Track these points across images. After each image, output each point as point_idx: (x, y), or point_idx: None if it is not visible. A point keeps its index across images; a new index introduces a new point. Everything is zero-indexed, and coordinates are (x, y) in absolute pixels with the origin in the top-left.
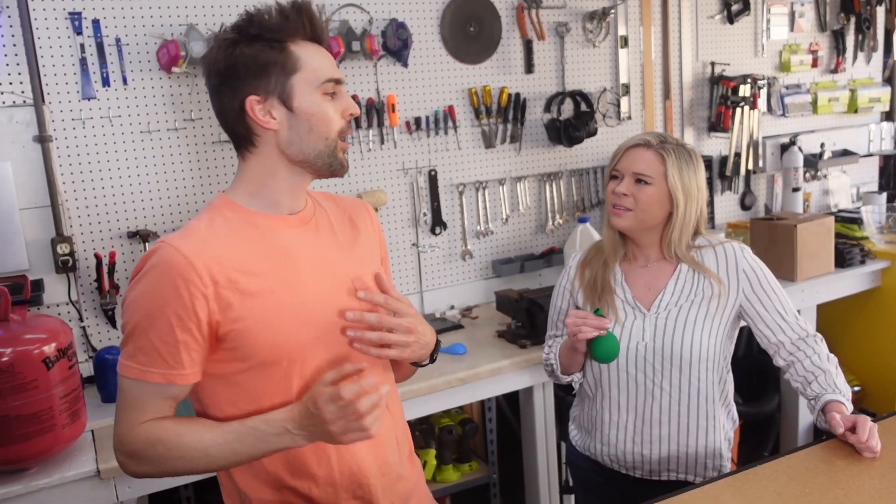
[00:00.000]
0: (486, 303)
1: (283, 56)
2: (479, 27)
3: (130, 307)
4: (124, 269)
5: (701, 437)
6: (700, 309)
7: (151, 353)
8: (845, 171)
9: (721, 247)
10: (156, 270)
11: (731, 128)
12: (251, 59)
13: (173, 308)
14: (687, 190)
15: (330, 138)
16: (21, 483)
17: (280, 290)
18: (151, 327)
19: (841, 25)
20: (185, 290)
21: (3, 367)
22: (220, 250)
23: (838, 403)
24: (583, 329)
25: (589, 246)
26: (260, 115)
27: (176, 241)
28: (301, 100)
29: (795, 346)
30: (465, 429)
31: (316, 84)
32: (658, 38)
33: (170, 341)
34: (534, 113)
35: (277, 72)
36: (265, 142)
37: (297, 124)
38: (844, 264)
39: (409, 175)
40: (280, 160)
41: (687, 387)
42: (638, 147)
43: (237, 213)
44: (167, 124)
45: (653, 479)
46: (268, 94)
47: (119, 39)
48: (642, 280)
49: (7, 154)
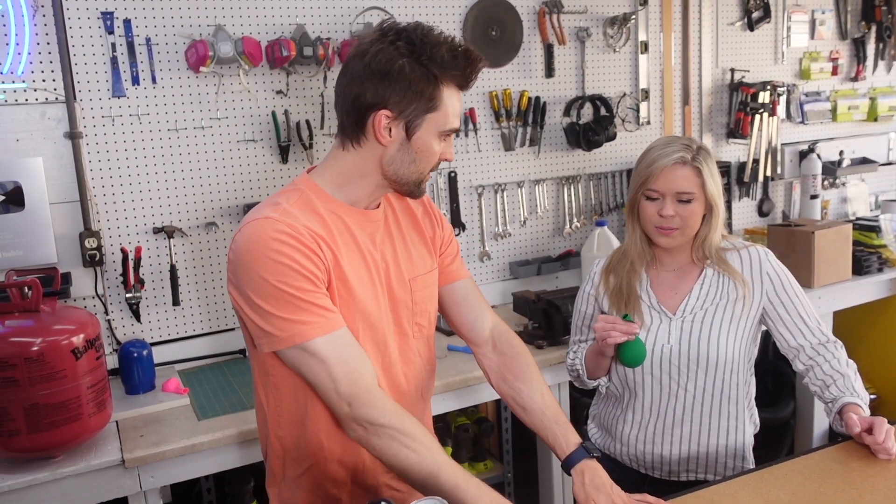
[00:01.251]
0: (503, 304)
1: (434, 92)
2: (500, 31)
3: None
4: (149, 264)
5: (722, 438)
6: (725, 312)
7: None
8: (864, 180)
9: (745, 250)
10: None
11: (749, 134)
12: (407, 79)
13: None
14: (720, 192)
15: (424, 173)
16: (48, 470)
17: (352, 280)
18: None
19: (862, 34)
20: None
21: (34, 357)
22: (316, 229)
23: (856, 406)
24: (612, 334)
25: (612, 252)
26: (382, 129)
27: (276, 215)
28: (423, 135)
29: (815, 350)
30: (481, 428)
31: (442, 129)
32: (678, 44)
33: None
34: (553, 117)
35: (422, 104)
36: (370, 148)
37: (405, 151)
38: (862, 272)
39: (430, 176)
40: (375, 169)
41: (711, 388)
42: (675, 166)
43: (322, 200)
44: (194, 122)
45: (671, 479)
46: (400, 115)
47: (149, 39)
48: (668, 284)
49: (39, 149)
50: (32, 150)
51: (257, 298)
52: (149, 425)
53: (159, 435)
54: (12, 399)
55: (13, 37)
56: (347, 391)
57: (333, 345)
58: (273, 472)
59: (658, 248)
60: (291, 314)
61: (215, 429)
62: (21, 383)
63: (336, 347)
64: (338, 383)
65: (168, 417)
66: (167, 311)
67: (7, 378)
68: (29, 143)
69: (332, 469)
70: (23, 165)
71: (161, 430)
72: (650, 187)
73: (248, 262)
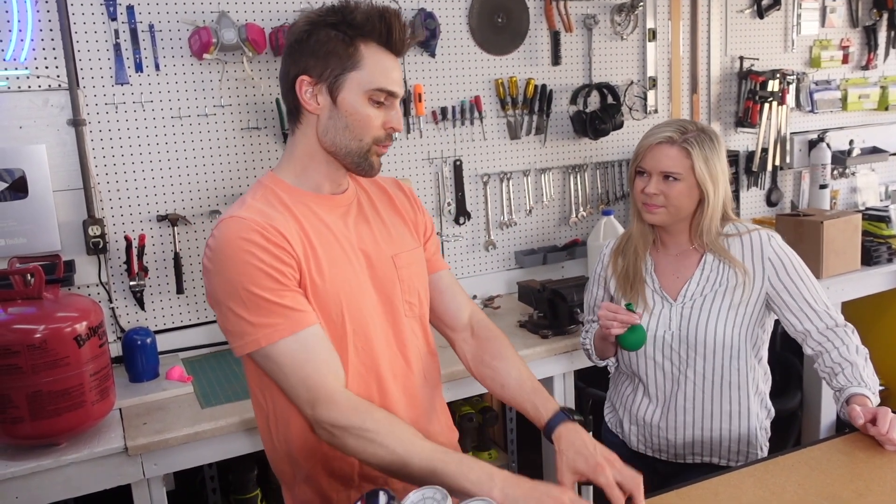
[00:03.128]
0: (508, 293)
1: (347, 50)
2: (506, 18)
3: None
4: (153, 252)
5: (725, 423)
6: (725, 298)
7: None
8: (874, 169)
9: (748, 235)
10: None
11: (758, 123)
12: (319, 43)
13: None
14: (714, 177)
15: (364, 141)
16: (51, 457)
17: (327, 266)
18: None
19: (873, 21)
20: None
21: (37, 344)
22: (282, 224)
23: (862, 397)
24: (612, 325)
25: (620, 234)
26: (306, 96)
27: (243, 213)
28: (346, 96)
29: (824, 335)
30: (486, 417)
31: (366, 87)
32: (686, 32)
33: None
34: (560, 105)
35: (335, 63)
36: (308, 122)
37: (335, 117)
38: (871, 262)
39: (435, 165)
40: (317, 146)
41: (711, 375)
42: (662, 144)
43: (286, 192)
44: (198, 110)
45: (678, 461)
46: (320, 79)
47: (152, 26)
48: (671, 269)
49: (42, 137)
50: (36, 137)
51: (226, 301)
52: (152, 413)
53: (163, 423)
54: (15, 386)
55: (15, 23)
56: (307, 396)
57: (295, 347)
58: (283, 476)
59: (660, 230)
60: (256, 317)
61: (218, 417)
62: (24, 370)
63: (297, 350)
64: (297, 388)
65: (171, 405)
66: (171, 299)
67: (10, 365)
68: (32, 131)
69: (337, 466)
70: (26, 153)
71: (164, 417)
72: (639, 164)
73: (217, 266)
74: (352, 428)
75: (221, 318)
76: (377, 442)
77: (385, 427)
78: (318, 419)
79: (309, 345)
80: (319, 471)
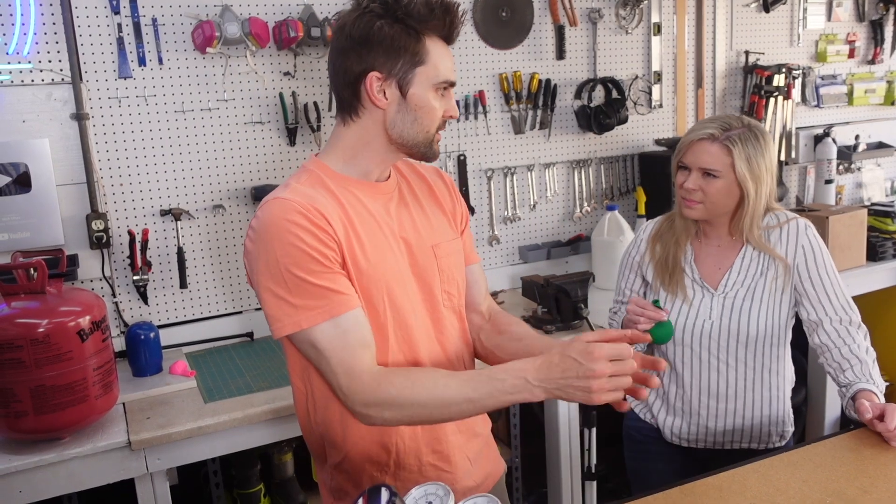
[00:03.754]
0: (511, 288)
1: (416, 46)
2: (511, 12)
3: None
4: (156, 246)
5: (765, 409)
6: (766, 288)
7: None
8: (880, 164)
9: (787, 225)
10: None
11: (764, 118)
12: (388, 38)
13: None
14: (756, 176)
15: (430, 132)
16: (54, 452)
17: (371, 251)
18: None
19: (880, 16)
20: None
21: (40, 338)
22: (325, 207)
23: (870, 392)
24: (641, 321)
25: (660, 218)
26: (375, 91)
27: (287, 194)
28: (416, 90)
29: (835, 329)
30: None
31: (434, 81)
32: (692, 26)
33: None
34: (564, 99)
35: (407, 58)
36: (369, 115)
37: (405, 110)
38: (876, 258)
39: (439, 159)
40: (380, 136)
41: (753, 362)
42: (703, 141)
43: (331, 178)
44: (201, 104)
45: (716, 448)
46: (390, 74)
47: (155, 19)
48: (711, 259)
49: (45, 131)
50: (39, 131)
51: (268, 282)
52: (155, 407)
53: (166, 417)
54: (18, 380)
55: (18, 17)
56: (344, 380)
57: (335, 331)
58: (319, 458)
59: (703, 222)
60: (298, 298)
61: (222, 411)
62: (27, 364)
63: (336, 334)
64: (336, 372)
65: (175, 400)
66: (174, 294)
67: (13, 359)
68: (35, 125)
69: (373, 451)
70: (29, 147)
71: (168, 412)
72: (681, 159)
73: (262, 247)
74: (379, 402)
75: (262, 300)
76: (407, 405)
77: (407, 388)
78: (351, 402)
79: (349, 328)
80: (356, 455)
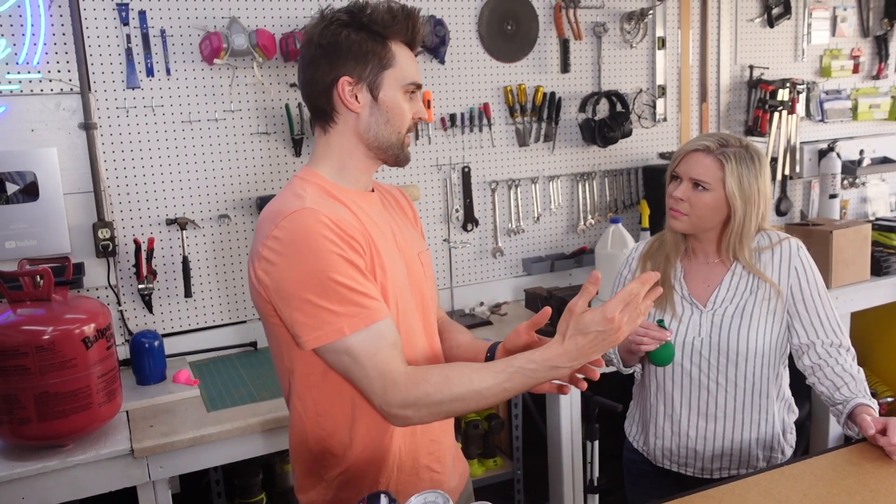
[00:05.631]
0: (515, 300)
1: (383, 50)
2: (516, 25)
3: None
4: (162, 255)
5: (754, 431)
6: (756, 306)
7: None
8: (884, 179)
9: (779, 245)
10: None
11: (768, 132)
12: (355, 44)
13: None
14: (746, 196)
15: (401, 133)
16: (57, 459)
17: (387, 260)
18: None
19: (884, 31)
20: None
21: (45, 345)
22: (347, 217)
23: (868, 407)
24: (644, 341)
25: (651, 238)
26: (347, 96)
27: (311, 205)
28: (386, 93)
29: (826, 350)
30: (491, 424)
31: (402, 83)
32: (696, 40)
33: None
34: (568, 112)
35: (375, 62)
36: (344, 121)
37: (377, 113)
38: (881, 272)
39: (443, 171)
40: (357, 142)
41: (743, 382)
42: (697, 152)
43: (334, 189)
44: (207, 115)
45: (704, 476)
46: (360, 79)
47: (164, 31)
48: (701, 277)
49: (53, 140)
50: (47, 140)
51: (302, 291)
52: (159, 416)
53: (169, 425)
54: (23, 387)
55: (29, 27)
56: (380, 384)
57: (371, 337)
58: (312, 475)
59: (691, 239)
60: (338, 305)
61: (224, 420)
62: (32, 371)
63: (372, 340)
64: (372, 378)
65: (178, 408)
66: (179, 303)
67: (18, 366)
68: (44, 134)
69: (377, 455)
70: (37, 156)
71: (171, 420)
72: (674, 169)
73: (292, 256)
74: (418, 401)
75: (294, 311)
76: (446, 400)
77: (444, 384)
78: (389, 406)
79: (384, 334)
80: (360, 461)
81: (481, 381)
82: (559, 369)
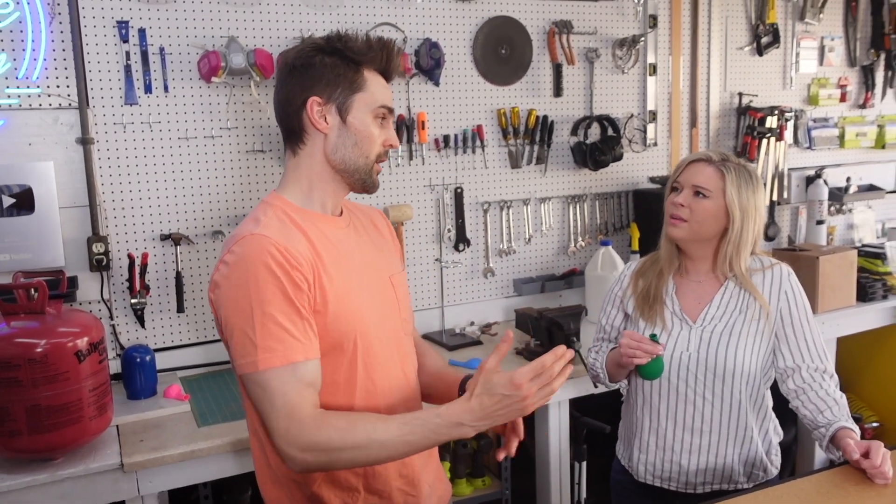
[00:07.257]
0: (505, 320)
1: (355, 75)
2: (510, 50)
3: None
4: (155, 270)
5: (737, 447)
6: (745, 325)
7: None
8: (871, 206)
9: (770, 269)
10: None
11: (756, 158)
12: (327, 67)
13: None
14: (744, 208)
15: (370, 158)
16: (47, 472)
17: (340, 285)
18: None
19: (871, 61)
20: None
21: (37, 358)
22: (298, 246)
23: (850, 431)
24: (637, 354)
25: (643, 258)
26: (316, 116)
27: (264, 231)
28: (355, 115)
29: (811, 375)
30: (480, 443)
31: (372, 106)
32: (686, 68)
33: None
34: (561, 135)
35: (345, 86)
36: (313, 142)
37: (345, 135)
38: (866, 298)
39: (436, 191)
40: (325, 164)
41: (729, 398)
42: (700, 161)
43: (296, 213)
44: (204, 132)
45: (688, 491)
46: (329, 100)
47: (163, 48)
48: (693, 293)
49: (50, 154)
50: (44, 154)
51: (236, 317)
52: (149, 430)
53: (159, 440)
54: (14, 399)
55: (30, 42)
56: (284, 424)
57: (287, 377)
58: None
59: (684, 256)
60: (261, 339)
61: (215, 436)
62: (24, 384)
63: (288, 380)
64: (278, 416)
65: (168, 423)
66: (171, 318)
67: (10, 378)
68: (41, 148)
69: (342, 476)
70: (34, 169)
71: (161, 435)
72: (675, 179)
73: (234, 282)
74: (317, 445)
75: (227, 335)
76: (347, 447)
77: (347, 431)
78: (289, 446)
79: (299, 374)
80: (328, 485)
81: (385, 431)
82: (463, 426)
